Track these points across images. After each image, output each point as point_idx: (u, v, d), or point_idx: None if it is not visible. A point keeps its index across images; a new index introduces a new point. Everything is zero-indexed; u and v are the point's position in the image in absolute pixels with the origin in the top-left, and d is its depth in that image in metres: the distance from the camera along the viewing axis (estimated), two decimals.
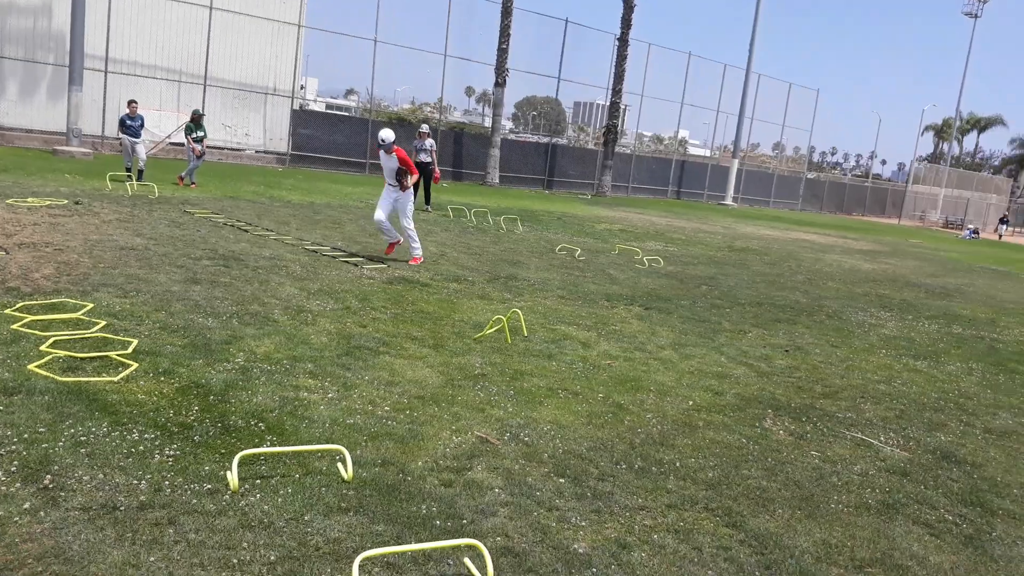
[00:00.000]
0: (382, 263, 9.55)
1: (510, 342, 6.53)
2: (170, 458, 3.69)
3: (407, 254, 9.98)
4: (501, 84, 30.56)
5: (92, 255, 7.88)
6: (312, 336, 5.99)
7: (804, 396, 6.05)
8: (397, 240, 9.92)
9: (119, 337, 5.33)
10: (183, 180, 15.88)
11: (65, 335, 5.22)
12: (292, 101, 27.33)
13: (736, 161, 41.07)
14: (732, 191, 41.03)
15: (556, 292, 9.14)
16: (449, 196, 21.57)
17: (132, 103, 16.11)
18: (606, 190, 34.43)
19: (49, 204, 10.88)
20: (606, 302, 8.92)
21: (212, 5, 24.63)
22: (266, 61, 26.50)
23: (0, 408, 3.98)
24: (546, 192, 32.48)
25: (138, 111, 16.04)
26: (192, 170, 15.90)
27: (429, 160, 16.84)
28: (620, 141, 38.56)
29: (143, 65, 23.87)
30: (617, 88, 34.30)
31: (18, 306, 5.78)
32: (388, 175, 9.70)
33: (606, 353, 6.61)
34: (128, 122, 15.73)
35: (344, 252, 10.05)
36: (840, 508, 4.07)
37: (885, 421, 5.66)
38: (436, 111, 36.72)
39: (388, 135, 9.47)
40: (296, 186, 19.18)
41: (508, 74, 30.59)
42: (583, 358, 6.34)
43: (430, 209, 17.17)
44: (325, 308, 6.95)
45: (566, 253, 12.81)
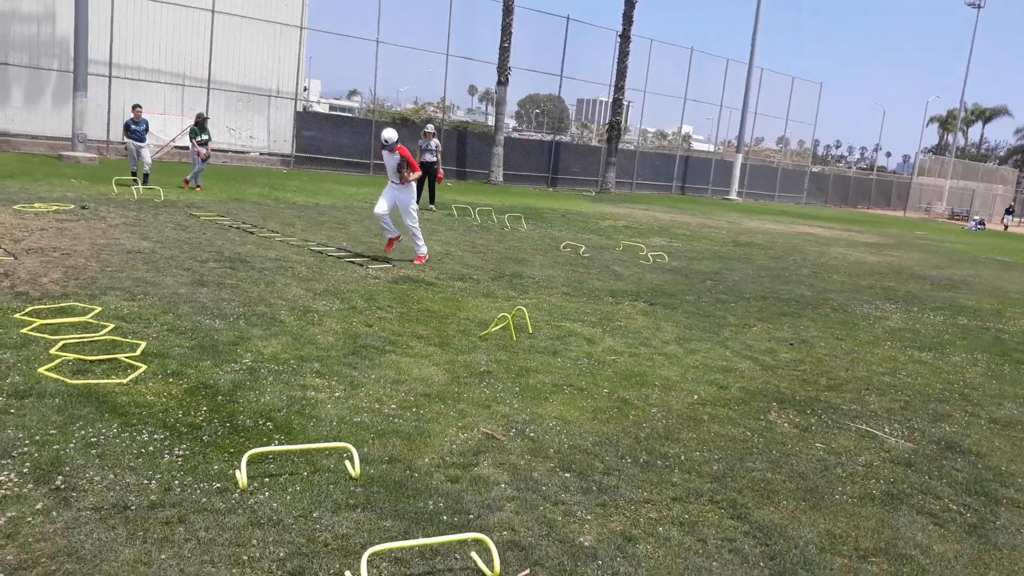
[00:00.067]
0: (387, 263, 9.59)
1: (515, 339, 6.57)
2: (179, 458, 3.73)
3: (411, 253, 10.02)
4: (504, 82, 30.57)
5: (99, 259, 7.95)
6: (319, 336, 6.03)
7: (809, 389, 6.07)
8: (397, 236, 9.97)
9: (127, 340, 5.39)
10: (188, 183, 15.95)
11: (74, 338, 5.27)
12: (295, 103, 27.40)
13: (740, 156, 40.99)
14: (736, 186, 40.96)
15: (561, 289, 9.17)
16: (453, 195, 21.61)
17: (136, 107, 16.19)
18: (610, 187, 34.42)
19: (56, 209, 10.95)
20: (611, 298, 8.95)
21: (214, 8, 24.70)
22: (269, 63, 26.57)
23: (12, 411, 4.04)
24: (550, 190, 32.50)
25: (142, 115, 16.12)
26: (197, 173, 15.97)
27: (434, 160, 16.88)
28: (624, 137, 38.53)
29: (147, 70, 23.97)
30: (620, 85, 34.28)
31: (27, 310, 5.84)
32: (391, 173, 9.74)
33: (611, 349, 6.64)
34: (133, 126, 15.82)
35: (349, 252, 10.10)
36: (844, 499, 4.09)
37: (890, 412, 5.68)
38: (439, 110, 36.75)
39: (391, 135, 9.52)
40: (301, 188, 19.25)
41: (510, 72, 30.61)
42: (588, 354, 6.37)
43: (434, 208, 17.21)
44: (331, 308, 6.99)
45: (570, 250, 12.83)
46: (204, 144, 16.01)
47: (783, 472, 4.36)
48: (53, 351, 4.97)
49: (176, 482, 3.49)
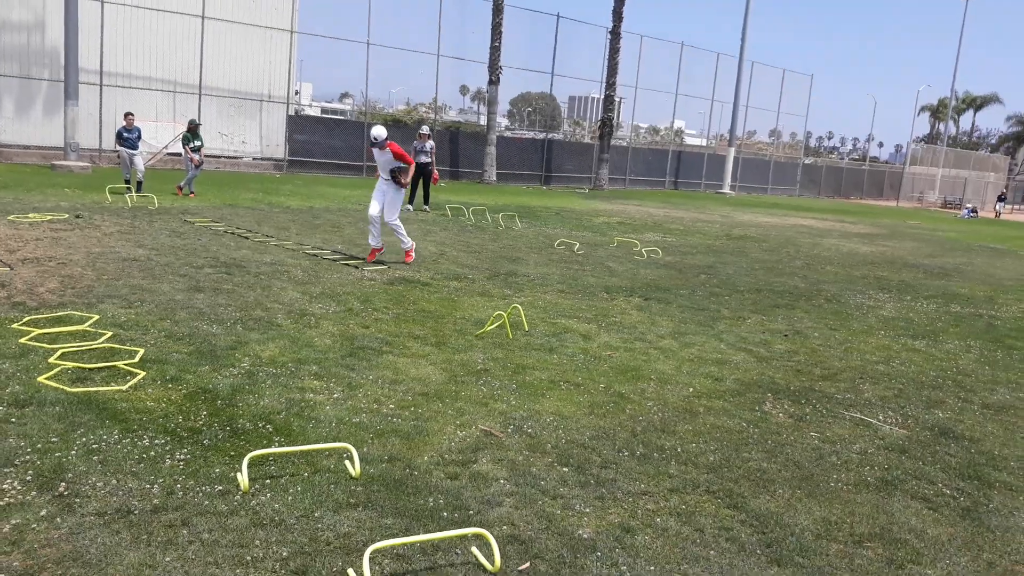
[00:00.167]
0: (382, 264, 9.62)
1: (511, 337, 6.61)
2: (181, 462, 3.77)
3: (403, 255, 10.03)
4: (495, 82, 30.61)
5: (95, 267, 7.97)
6: (316, 339, 6.07)
7: (803, 379, 6.12)
8: (380, 248, 9.85)
9: (126, 347, 5.42)
10: (182, 190, 15.97)
11: (72, 347, 5.30)
12: (287, 107, 27.41)
13: (732, 149, 41.11)
14: (729, 179, 41.07)
15: (556, 286, 9.21)
16: (447, 195, 21.64)
17: (128, 115, 16.19)
18: (603, 183, 34.48)
19: (50, 219, 10.97)
20: (605, 294, 8.99)
21: (204, 14, 24.70)
22: (260, 68, 26.58)
23: (13, 420, 4.07)
24: (543, 188, 32.54)
25: (134, 123, 16.11)
26: (191, 180, 15.98)
27: (428, 161, 16.92)
28: (616, 134, 38.61)
29: (138, 77, 23.96)
30: (611, 81, 34.32)
31: (25, 320, 5.87)
32: (382, 169, 9.68)
33: (606, 344, 6.69)
34: (125, 134, 15.82)
35: (344, 255, 10.13)
36: (839, 486, 4.14)
37: (884, 400, 5.74)
38: (431, 111, 36.76)
39: (380, 132, 9.50)
40: (294, 191, 19.27)
41: (502, 71, 30.65)
42: (584, 350, 6.42)
43: (428, 209, 17.25)
44: (327, 311, 7.03)
45: (565, 247, 12.88)
46: (197, 150, 16.02)
47: (779, 461, 4.41)
48: (52, 360, 5.00)
49: (178, 486, 3.53)
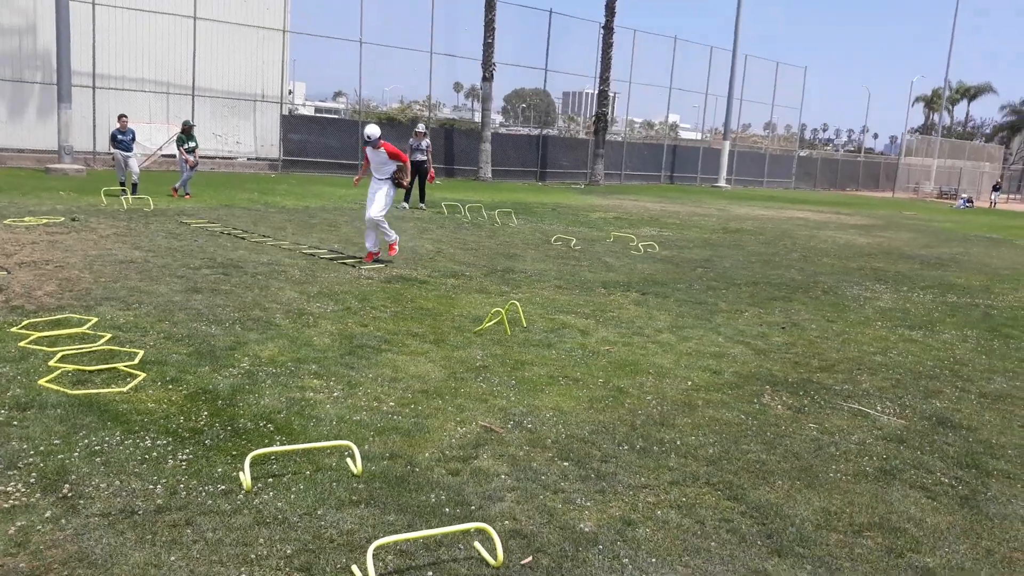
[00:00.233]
0: (379, 263, 9.63)
1: (510, 334, 6.63)
2: (183, 462, 3.78)
3: (401, 256, 10.04)
4: (489, 78, 30.59)
5: (92, 270, 7.97)
6: (315, 338, 6.08)
7: (801, 371, 6.15)
8: (376, 252, 9.79)
9: (125, 349, 5.43)
10: (177, 191, 15.95)
11: (72, 349, 5.31)
12: (281, 107, 27.37)
13: (727, 143, 41.11)
14: (725, 173, 41.09)
15: (553, 282, 9.23)
16: (443, 193, 21.64)
17: (122, 117, 16.18)
18: (599, 179, 34.50)
19: (46, 222, 10.96)
20: (603, 289, 9.02)
21: (196, 15, 24.65)
22: (253, 68, 26.54)
23: (15, 423, 4.08)
24: (539, 184, 32.55)
25: (128, 125, 16.11)
26: (186, 181, 15.97)
27: (425, 159, 16.92)
28: (611, 129, 38.61)
29: (131, 79, 23.91)
30: (605, 76, 34.33)
31: (24, 324, 5.87)
32: (376, 169, 9.65)
33: (604, 339, 6.71)
34: (119, 136, 15.81)
35: (341, 254, 10.14)
36: (838, 477, 4.17)
37: (881, 391, 5.77)
38: (425, 109, 36.74)
39: (374, 131, 9.48)
40: (290, 191, 19.26)
41: (495, 68, 30.63)
42: (582, 345, 6.44)
43: (425, 207, 17.25)
44: (326, 310, 7.04)
45: (561, 243, 12.89)
46: (192, 151, 16.01)
47: (778, 453, 4.44)
48: (52, 363, 5.01)
49: (181, 486, 3.54)
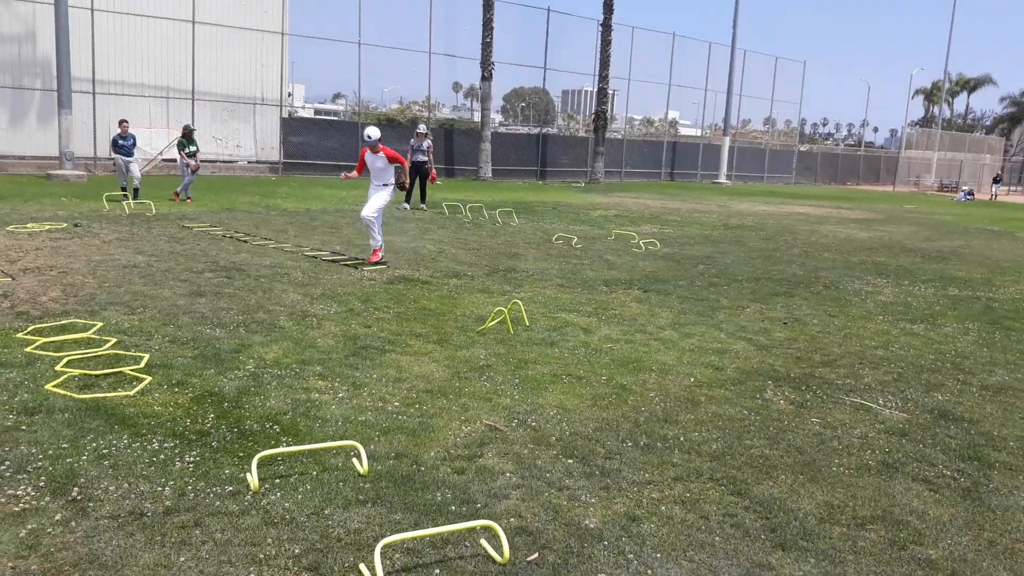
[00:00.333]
0: (382, 264, 9.66)
1: (512, 333, 6.66)
2: (191, 464, 3.82)
3: (400, 256, 10.05)
4: (488, 78, 30.61)
5: (96, 275, 8.01)
6: (319, 339, 6.11)
7: (803, 366, 6.17)
8: (380, 248, 9.80)
9: (131, 353, 5.46)
10: (179, 196, 15.99)
11: (78, 354, 5.35)
12: (281, 109, 27.41)
13: (727, 139, 41.13)
14: (725, 169, 41.11)
15: (555, 281, 9.26)
16: (443, 193, 21.67)
17: (123, 122, 16.21)
18: (599, 177, 34.52)
19: (49, 228, 11.00)
20: (605, 287, 9.04)
21: (195, 19, 24.69)
22: (252, 71, 26.57)
23: (24, 428, 4.12)
24: (540, 183, 32.57)
25: (129, 130, 16.15)
26: (187, 185, 16.01)
27: (425, 159, 16.95)
28: (610, 126, 38.63)
29: (130, 84, 23.96)
30: (604, 74, 34.34)
31: (29, 329, 5.91)
32: (375, 175, 9.63)
33: (607, 337, 6.73)
34: (120, 142, 15.84)
35: (343, 256, 10.17)
36: (841, 470, 4.19)
37: (883, 385, 5.79)
38: (424, 109, 36.77)
39: (375, 132, 9.48)
40: (291, 194, 19.29)
41: (494, 67, 30.65)
42: (585, 343, 6.47)
43: (425, 208, 17.28)
44: (329, 311, 7.07)
45: (563, 242, 12.92)
46: (192, 156, 16.05)
47: (781, 448, 4.46)
48: (58, 368, 5.05)
49: (189, 488, 3.58)
